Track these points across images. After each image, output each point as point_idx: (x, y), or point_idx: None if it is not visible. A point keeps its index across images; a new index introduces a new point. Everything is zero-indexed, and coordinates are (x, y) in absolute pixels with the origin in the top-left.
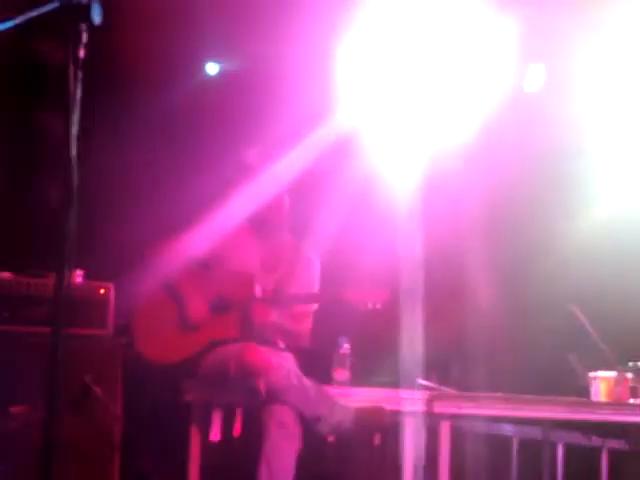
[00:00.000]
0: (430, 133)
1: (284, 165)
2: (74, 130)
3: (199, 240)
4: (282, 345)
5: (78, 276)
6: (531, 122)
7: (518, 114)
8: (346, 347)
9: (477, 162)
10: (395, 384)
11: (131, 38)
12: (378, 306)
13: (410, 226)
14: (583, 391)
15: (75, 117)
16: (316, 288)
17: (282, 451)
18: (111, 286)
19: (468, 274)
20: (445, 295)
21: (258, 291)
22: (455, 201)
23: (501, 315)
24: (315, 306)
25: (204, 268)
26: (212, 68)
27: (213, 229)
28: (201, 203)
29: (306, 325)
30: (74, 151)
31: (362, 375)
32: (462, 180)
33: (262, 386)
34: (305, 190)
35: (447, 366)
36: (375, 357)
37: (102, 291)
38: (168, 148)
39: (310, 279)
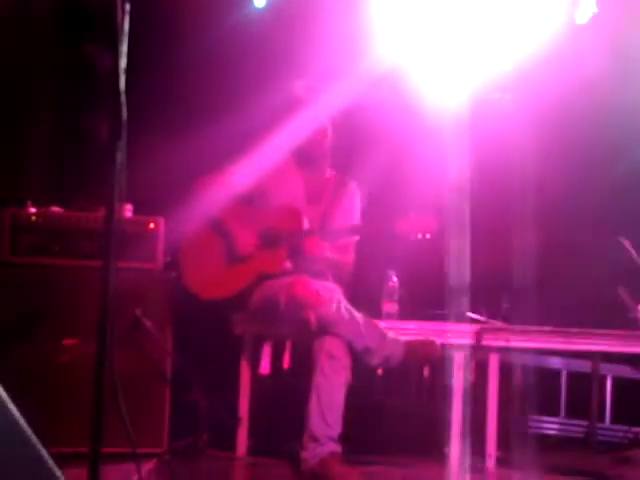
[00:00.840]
0: (478, 62)
1: (330, 98)
2: (122, 63)
3: (245, 175)
4: (330, 277)
5: (127, 210)
6: (581, 53)
7: (568, 45)
8: (395, 280)
9: (525, 92)
10: (444, 317)
11: None
12: (428, 236)
13: (457, 156)
14: (633, 324)
15: (123, 50)
16: (358, 218)
17: (332, 382)
18: (161, 220)
19: (516, 205)
20: (493, 227)
21: (306, 224)
22: (503, 131)
23: (549, 247)
24: (357, 237)
25: (250, 203)
26: (259, 0)
27: (259, 163)
28: (248, 137)
29: (350, 256)
30: (123, 84)
31: (411, 308)
32: (510, 109)
33: (313, 318)
34: (352, 123)
35: (496, 299)
36: (424, 289)
37: (152, 225)
38: (216, 81)
39: (353, 210)
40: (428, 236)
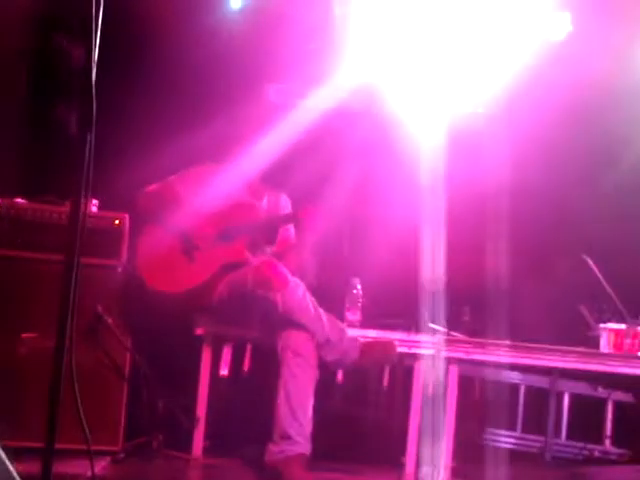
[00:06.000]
0: (453, 79)
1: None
2: (95, 56)
3: (190, 182)
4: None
5: (93, 205)
6: (556, 73)
7: (543, 65)
8: (358, 288)
9: (501, 109)
10: (406, 326)
11: None
12: None
13: (432, 170)
14: (593, 342)
15: (96, 41)
16: None
17: (301, 380)
18: (126, 217)
19: (485, 221)
20: (459, 240)
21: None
22: (481, 151)
23: (514, 262)
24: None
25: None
26: (235, 2)
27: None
28: (218, 141)
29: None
30: (94, 75)
31: (373, 316)
32: (485, 135)
33: (279, 300)
34: (327, 143)
35: (458, 311)
36: (387, 298)
37: (117, 222)
38: (190, 81)
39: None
40: None
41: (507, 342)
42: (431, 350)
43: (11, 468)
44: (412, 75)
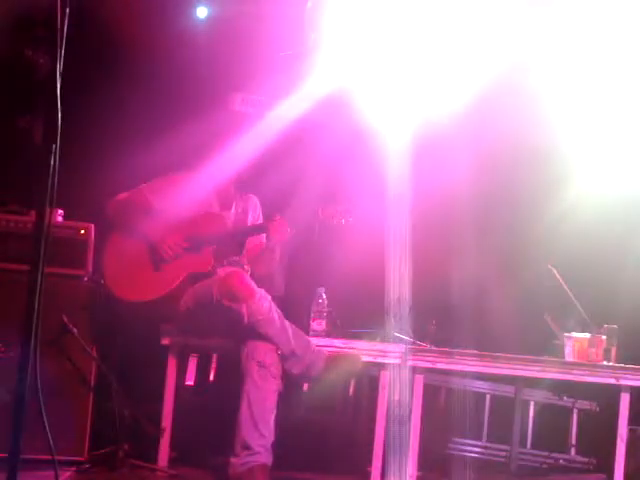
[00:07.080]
0: (418, 98)
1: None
2: (60, 66)
3: (160, 190)
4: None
5: (58, 215)
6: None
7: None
8: (324, 297)
9: (468, 127)
10: (372, 336)
11: None
12: (350, 219)
13: (400, 186)
14: (557, 351)
15: (61, 52)
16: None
17: (263, 391)
18: (92, 227)
19: (452, 230)
20: (426, 250)
21: (229, 226)
22: (446, 164)
23: (481, 275)
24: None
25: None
26: (202, 12)
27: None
28: (185, 151)
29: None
30: (59, 86)
31: (340, 326)
32: (452, 143)
33: (245, 311)
34: (294, 153)
35: (425, 320)
36: (354, 308)
37: (82, 231)
38: (157, 91)
39: (259, 213)
40: (350, 219)
41: (473, 351)
42: (397, 359)
43: None
44: (379, 85)
